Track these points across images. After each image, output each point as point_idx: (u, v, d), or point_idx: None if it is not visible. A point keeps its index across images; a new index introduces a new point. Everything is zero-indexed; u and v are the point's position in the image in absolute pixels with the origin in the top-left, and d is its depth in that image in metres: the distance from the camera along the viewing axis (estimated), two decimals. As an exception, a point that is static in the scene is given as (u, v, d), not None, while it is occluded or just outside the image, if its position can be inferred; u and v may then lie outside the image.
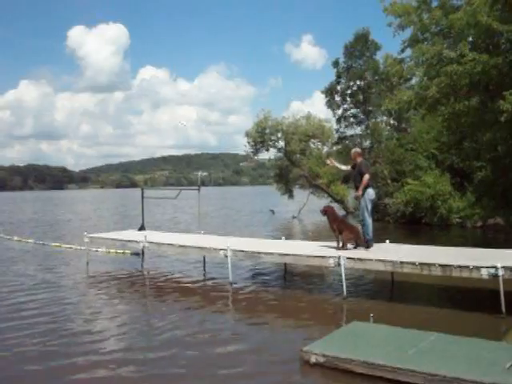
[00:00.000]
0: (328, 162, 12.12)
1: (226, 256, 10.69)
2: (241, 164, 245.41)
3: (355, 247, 10.22)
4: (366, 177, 10.40)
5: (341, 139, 31.97)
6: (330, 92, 31.60)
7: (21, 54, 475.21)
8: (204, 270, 12.91)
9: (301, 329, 7.77)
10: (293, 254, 10.12)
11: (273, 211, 35.24)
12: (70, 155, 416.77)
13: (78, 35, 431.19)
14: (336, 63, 30.86)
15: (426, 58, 17.19)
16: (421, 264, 8.54)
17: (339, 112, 31.73)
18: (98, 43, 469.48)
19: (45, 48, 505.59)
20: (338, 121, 31.80)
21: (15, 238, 20.77)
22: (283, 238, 12.99)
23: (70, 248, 17.34)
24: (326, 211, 10.83)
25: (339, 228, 10.41)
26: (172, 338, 7.39)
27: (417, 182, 23.19)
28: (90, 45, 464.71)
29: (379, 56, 29.73)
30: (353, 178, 11.07)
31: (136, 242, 12.87)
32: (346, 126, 31.69)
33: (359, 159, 10.90)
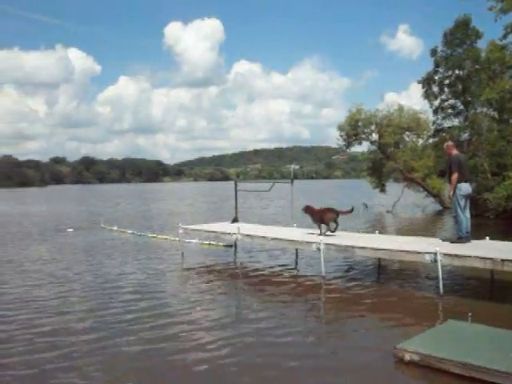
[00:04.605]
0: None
1: (319, 249, 10.65)
2: (333, 157, 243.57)
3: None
4: (454, 176, 10.09)
5: (438, 131, 30.88)
6: (427, 82, 30.59)
7: (121, 52, 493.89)
8: (296, 263, 12.93)
9: (394, 326, 7.62)
10: (387, 249, 9.93)
11: (366, 205, 34.69)
12: (166, 149, 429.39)
13: (174, 32, 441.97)
14: (434, 52, 29.80)
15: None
16: (524, 262, 8.13)
17: (436, 103, 30.64)
18: (194, 39, 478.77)
19: (144, 45, 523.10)
20: (435, 112, 30.72)
21: (115, 228, 21.72)
22: (377, 232, 12.77)
23: (166, 239, 17.89)
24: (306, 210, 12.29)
25: (321, 217, 11.91)
26: (263, 330, 7.44)
27: (520, 176, 22.04)
28: (186, 41, 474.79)
29: (480, 44, 28.49)
30: (447, 173, 10.72)
31: (229, 234, 13.08)
32: (444, 118, 30.55)
33: (454, 152, 10.53)
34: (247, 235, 12.68)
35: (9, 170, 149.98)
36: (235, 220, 15.44)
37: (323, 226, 12.02)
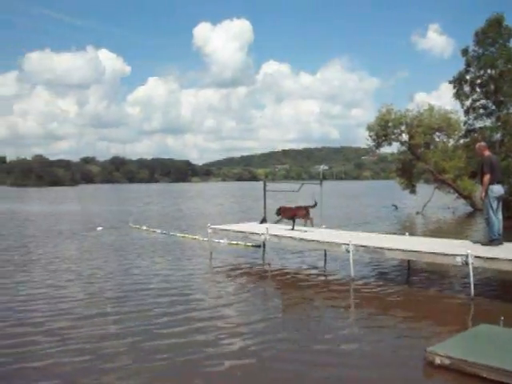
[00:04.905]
0: None
1: (348, 251, 10.58)
2: (362, 158, 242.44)
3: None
4: (486, 177, 9.95)
5: (469, 132, 30.42)
6: (458, 82, 30.14)
7: (151, 53, 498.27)
8: (325, 264, 12.89)
9: (424, 329, 7.53)
10: (417, 251, 9.81)
11: (396, 206, 34.42)
12: (194, 149, 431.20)
13: (203, 32, 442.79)
14: (465, 51, 29.36)
15: None
16: (558, 266, 7.96)
17: (467, 103, 30.18)
18: (223, 39, 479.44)
19: (173, 46, 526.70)
20: (467, 112, 30.26)
21: (144, 227, 21.92)
22: (407, 233, 12.65)
23: (195, 239, 17.98)
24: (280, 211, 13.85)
25: (293, 215, 13.47)
26: (291, 332, 7.45)
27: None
28: (215, 41, 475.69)
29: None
30: (478, 175, 10.57)
31: (258, 234, 13.08)
32: (475, 118, 30.06)
33: (486, 153, 10.37)
34: (275, 236, 12.67)
35: (40, 169, 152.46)
36: (264, 220, 15.43)
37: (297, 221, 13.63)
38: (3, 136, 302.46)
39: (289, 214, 13.64)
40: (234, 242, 16.14)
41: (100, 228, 22.23)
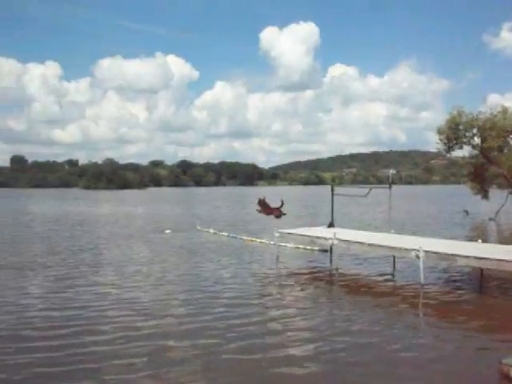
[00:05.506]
0: None
1: (418, 257, 10.35)
2: (431, 162, 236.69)
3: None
4: None
5: (547, 134, 29.13)
6: (534, 83, 28.96)
7: (218, 58, 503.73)
8: (393, 269, 12.64)
9: (498, 339, 7.28)
10: (492, 259, 9.49)
11: (467, 212, 33.40)
12: (261, 153, 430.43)
13: (270, 36, 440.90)
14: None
15: None
16: None
17: (545, 104, 28.92)
18: (290, 43, 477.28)
19: (240, 51, 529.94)
20: (544, 114, 28.99)
21: (211, 230, 22.16)
22: (479, 240, 12.24)
23: (261, 242, 18.02)
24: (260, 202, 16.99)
25: (269, 213, 16.64)
26: (359, 338, 7.35)
27: None
28: (281, 45, 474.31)
29: None
30: None
31: (325, 238, 13.00)
32: (554, 120, 28.77)
33: None
34: (343, 240, 12.54)
35: (111, 172, 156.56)
36: (331, 225, 15.32)
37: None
38: (76, 140, 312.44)
39: (265, 212, 16.78)
40: (301, 246, 16.09)
41: (168, 231, 22.62)
